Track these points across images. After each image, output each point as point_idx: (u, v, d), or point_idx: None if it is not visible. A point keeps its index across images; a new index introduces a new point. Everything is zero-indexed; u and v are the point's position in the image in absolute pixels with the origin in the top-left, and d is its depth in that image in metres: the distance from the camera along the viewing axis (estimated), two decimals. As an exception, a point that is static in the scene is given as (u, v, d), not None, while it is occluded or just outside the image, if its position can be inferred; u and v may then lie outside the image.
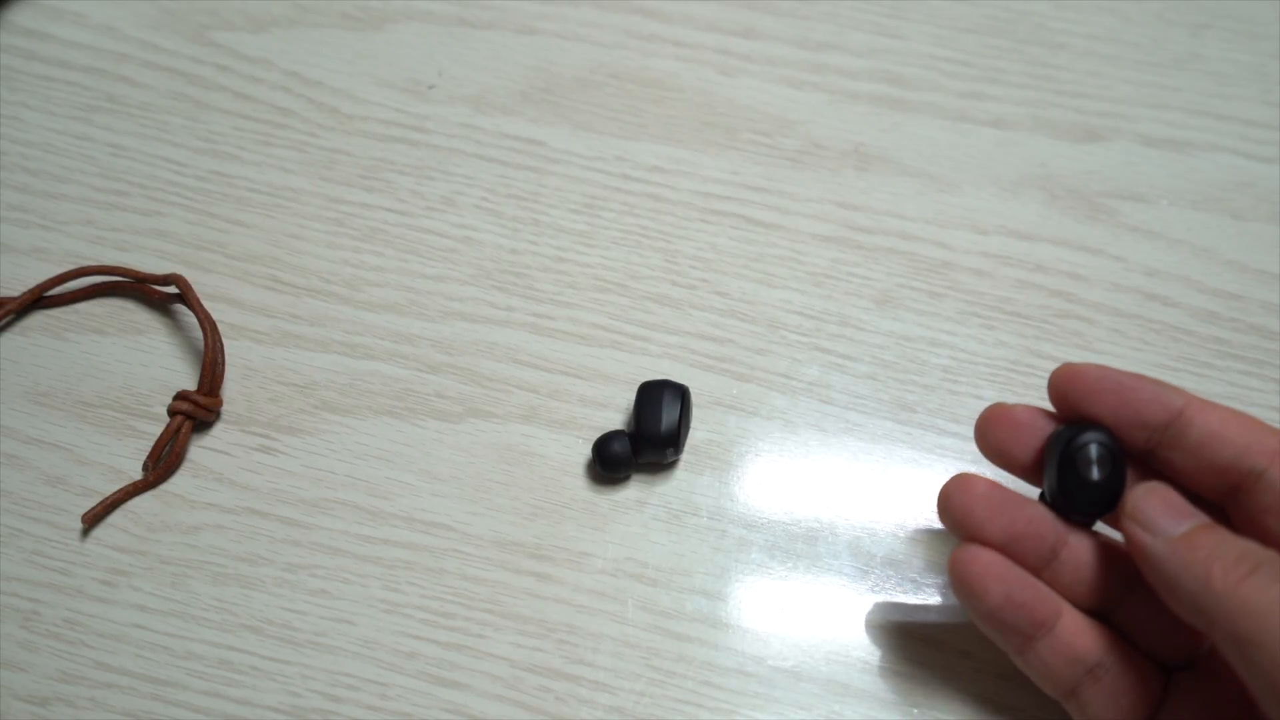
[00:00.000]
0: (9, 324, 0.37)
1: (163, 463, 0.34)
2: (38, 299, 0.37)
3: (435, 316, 0.37)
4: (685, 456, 0.35)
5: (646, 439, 0.33)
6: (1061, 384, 0.27)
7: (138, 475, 0.34)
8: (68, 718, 0.31)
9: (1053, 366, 0.36)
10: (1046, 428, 0.28)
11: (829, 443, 0.35)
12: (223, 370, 0.35)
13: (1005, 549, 0.27)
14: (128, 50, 0.43)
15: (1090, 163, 0.40)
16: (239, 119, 0.41)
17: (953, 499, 0.27)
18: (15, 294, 0.37)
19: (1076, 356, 0.36)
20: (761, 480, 0.34)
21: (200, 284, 0.37)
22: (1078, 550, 0.27)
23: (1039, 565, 0.27)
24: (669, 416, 0.33)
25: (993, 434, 0.28)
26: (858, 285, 0.38)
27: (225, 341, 0.36)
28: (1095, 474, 0.26)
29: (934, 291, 0.38)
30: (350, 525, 0.34)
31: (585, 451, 0.35)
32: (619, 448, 0.33)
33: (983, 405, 0.36)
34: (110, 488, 0.34)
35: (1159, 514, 0.25)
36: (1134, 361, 0.36)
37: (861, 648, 0.32)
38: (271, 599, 0.32)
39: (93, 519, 0.33)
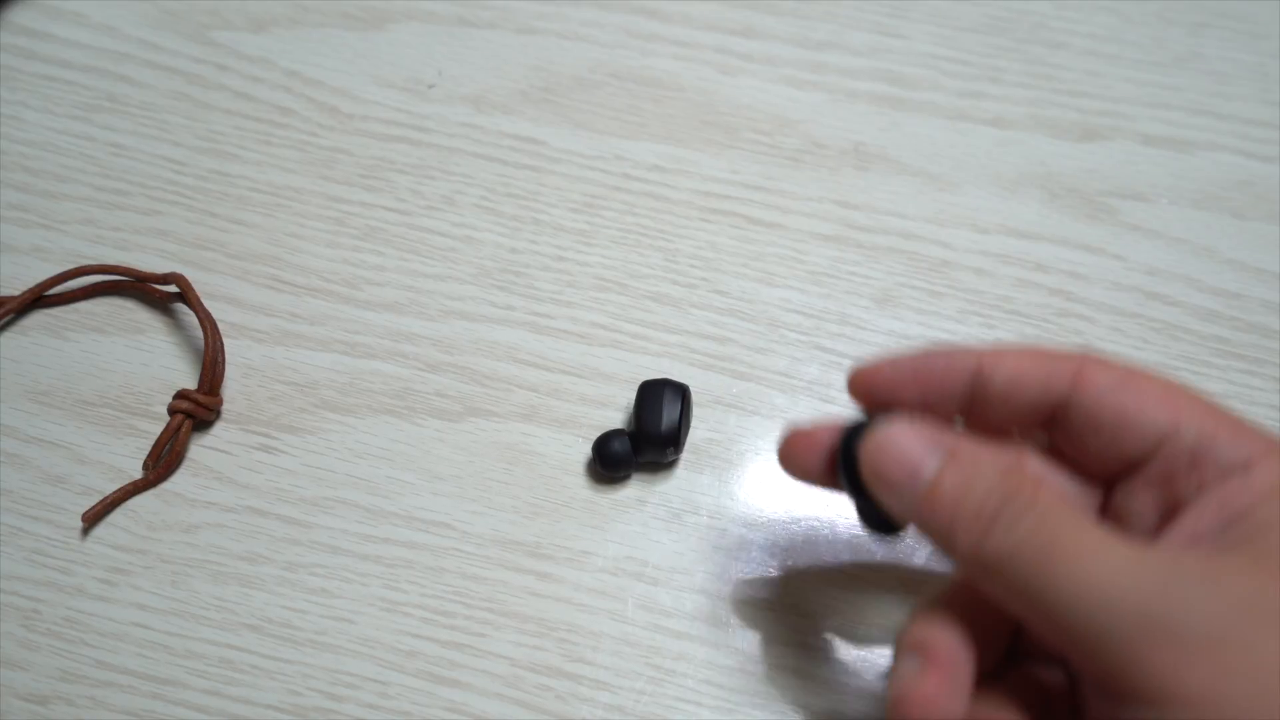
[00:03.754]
0: (9, 323, 0.37)
1: (163, 462, 0.34)
2: (38, 298, 0.37)
3: (435, 315, 0.37)
4: (685, 455, 0.35)
5: (647, 438, 0.33)
6: (861, 389, 0.26)
7: (138, 474, 0.34)
8: (68, 716, 0.31)
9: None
10: None
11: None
12: (223, 369, 0.35)
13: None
14: (128, 50, 0.43)
15: (1090, 162, 0.40)
16: (239, 118, 0.41)
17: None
18: (15, 293, 0.37)
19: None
20: (762, 479, 0.34)
21: (200, 283, 0.37)
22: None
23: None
24: (669, 415, 0.33)
25: (798, 460, 0.27)
26: (858, 284, 0.38)
27: (225, 340, 0.36)
28: None
29: (934, 290, 0.38)
30: (350, 524, 0.34)
31: (585, 450, 0.35)
32: (619, 447, 0.33)
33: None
34: (110, 487, 0.34)
35: (896, 468, 0.23)
36: (1134, 360, 0.36)
37: (862, 647, 0.32)
38: (272, 598, 0.32)
39: (93, 518, 0.33)
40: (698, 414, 0.35)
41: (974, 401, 0.25)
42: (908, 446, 0.23)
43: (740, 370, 0.36)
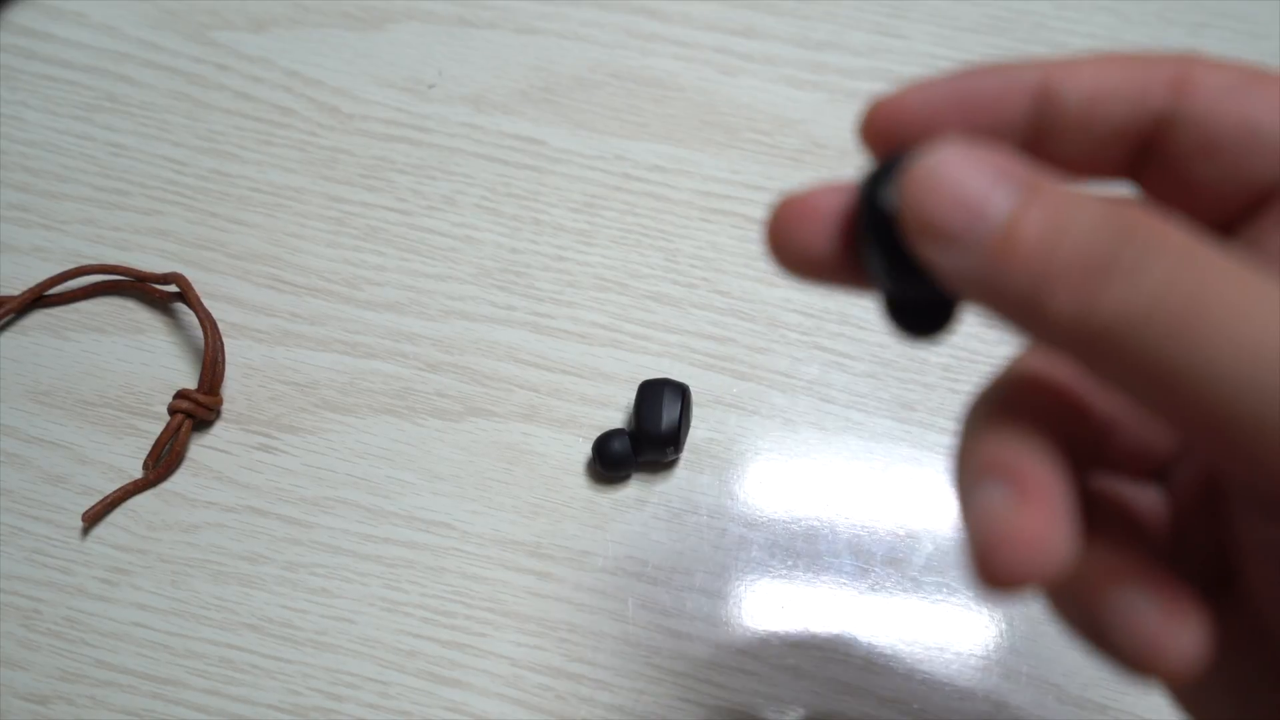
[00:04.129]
0: (10, 323, 0.37)
1: (163, 461, 0.34)
2: (38, 298, 0.37)
3: (436, 315, 0.37)
4: (685, 455, 0.35)
5: (647, 438, 0.33)
6: (881, 130, 0.19)
7: (138, 474, 0.34)
8: (68, 716, 0.31)
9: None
10: None
11: (829, 441, 0.35)
12: (223, 369, 0.35)
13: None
14: (128, 50, 0.43)
15: (1090, 162, 0.40)
16: (239, 118, 0.41)
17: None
18: (16, 293, 0.37)
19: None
20: (761, 479, 0.34)
21: (201, 283, 0.37)
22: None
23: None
24: (669, 415, 0.33)
25: (798, 237, 0.18)
26: (858, 284, 0.38)
27: (226, 340, 0.36)
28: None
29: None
30: (351, 524, 0.34)
31: (585, 450, 0.35)
32: (619, 446, 0.33)
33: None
34: (110, 486, 0.34)
35: (953, 208, 0.16)
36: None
37: (861, 646, 0.32)
38: (272, 597, 0.32)
39: (93, 517, 0.33)
40: (698, 414, 0.35)
41: (1039, 134, 0.19)
42: (967, 178, 0.16)
43: (740, 370, 0.36)
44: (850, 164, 0.40)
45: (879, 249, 0.17)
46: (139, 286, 0.37)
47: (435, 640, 0.32)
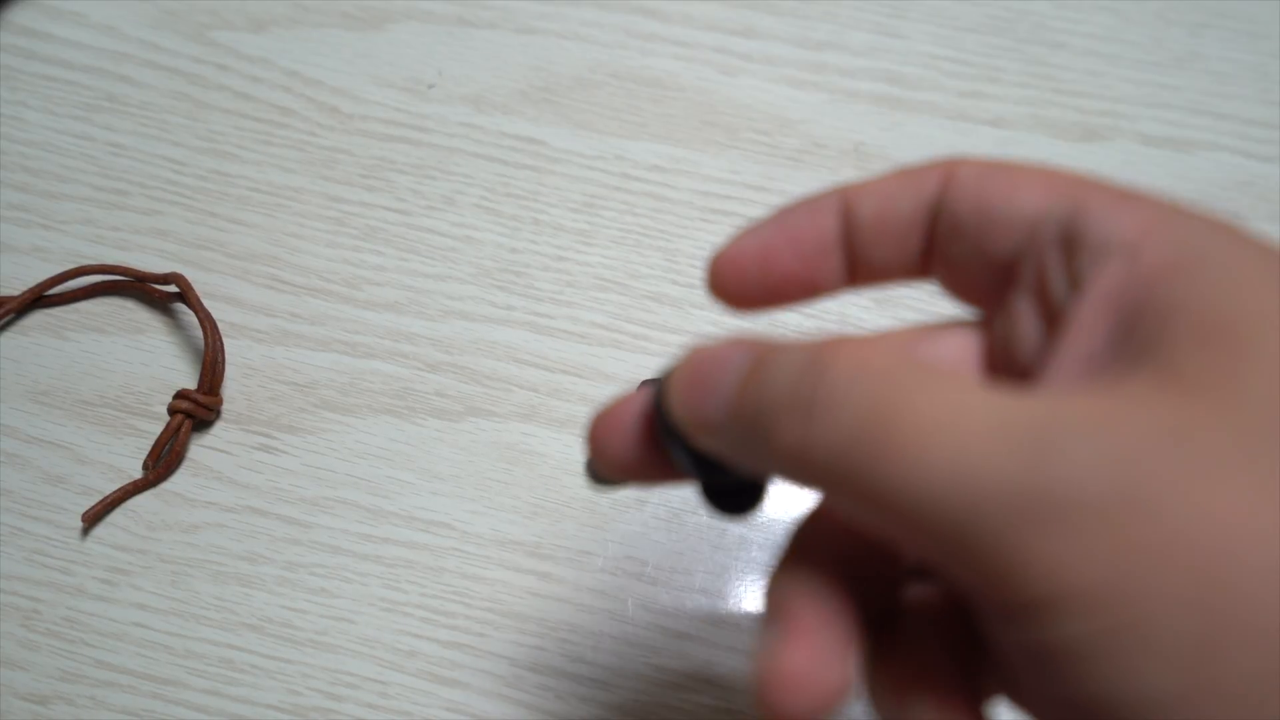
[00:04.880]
0: (9, 323, 0.37)
1: (163, 461, 0.34)
2: (38, 298, 0.37)
3: (435, 315, 0.37)
4: (685, 455, 0.35)
5: (646, 437, 0.33)
6: (729, 281, 0.21)
7: (138, 474, 0.34)
8: (68, 716, 0.31)
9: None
10: None
11: (829, 441, 0.35)
12: (223, 369, 0.35)
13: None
14: (128, 50, 0.43)
15: (1090, 162, 0.40)
16: (239, 118, 0.41)
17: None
18: (16, 293, 0.37)
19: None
20: (761, 479, 0.34)
21: (200, 283, 0.37)
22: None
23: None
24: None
25: (612, 446, 0.20)
26: (858, 284, 0.38)
27: (225, 340, 0.36)
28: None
29: (935, 289, 0.38)
30: (350, 524, 0.34)
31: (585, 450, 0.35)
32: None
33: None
34: (110, 486, 0.34)
35: (702, 386, 0.17)
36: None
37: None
38: (272, 597, 0.32)
39: (93, 518, 0.33)
40: (698, 414, 0.35)
41: (852, 247, 0.21)
42: (712, 355, 0.18)
43: (740, 370, 0.36)
44: (850, 165, 0.40)
45: (678, 448, 0.18)
46: (139, 286, 0.37)
47: (435, 640, 0.32)
